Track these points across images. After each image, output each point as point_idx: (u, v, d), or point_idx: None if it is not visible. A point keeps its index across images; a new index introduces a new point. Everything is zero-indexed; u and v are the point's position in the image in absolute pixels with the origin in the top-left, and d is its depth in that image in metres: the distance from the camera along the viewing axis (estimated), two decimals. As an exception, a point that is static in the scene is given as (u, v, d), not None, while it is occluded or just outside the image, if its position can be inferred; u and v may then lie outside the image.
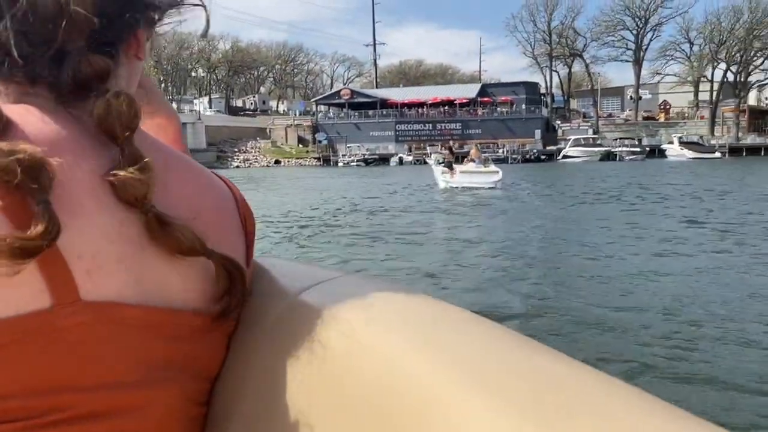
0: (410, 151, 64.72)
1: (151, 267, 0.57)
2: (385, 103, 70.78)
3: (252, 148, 67.96)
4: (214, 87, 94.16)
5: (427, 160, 45.54)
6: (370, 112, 70.00)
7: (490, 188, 21.52)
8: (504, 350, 0.50)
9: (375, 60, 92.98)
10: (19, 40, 0.55)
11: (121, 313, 0.55)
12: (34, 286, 0.50)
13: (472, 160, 23.54)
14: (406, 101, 70.19)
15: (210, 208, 0.65)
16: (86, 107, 0.58)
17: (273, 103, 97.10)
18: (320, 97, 79.25)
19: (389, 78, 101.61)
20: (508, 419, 0.40)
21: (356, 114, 70.70)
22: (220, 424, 0.65)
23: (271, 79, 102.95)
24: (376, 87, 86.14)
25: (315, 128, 71.57)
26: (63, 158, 0.53)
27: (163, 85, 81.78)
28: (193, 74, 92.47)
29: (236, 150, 67.05)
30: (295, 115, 79.07)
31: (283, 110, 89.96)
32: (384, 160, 63.66)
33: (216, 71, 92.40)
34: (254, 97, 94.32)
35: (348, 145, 66.67)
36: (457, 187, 22.06)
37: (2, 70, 0.57)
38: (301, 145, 70.34)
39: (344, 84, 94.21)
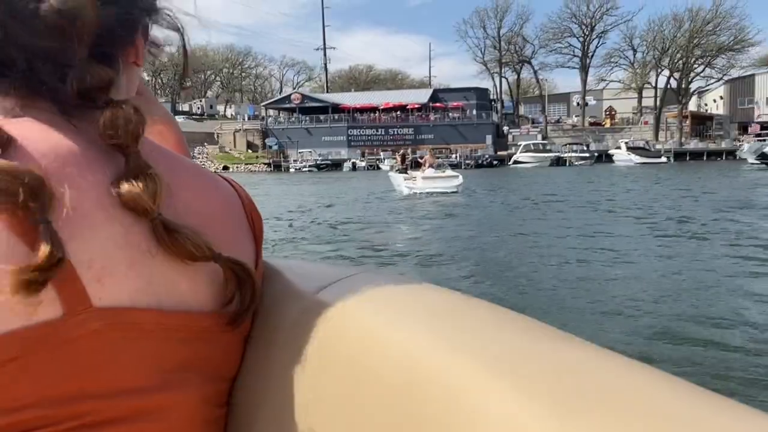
0: (363, 157, 64.08)
1: (162, 271, 0.58)
2: (336, 108, 69.93)
3: (199, 153, 65.91)
4: (159, 91, 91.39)
5: (381, 165, 45.12)
6: (322, 117, 69.05)
7: (452, 192, 21.96)
8: (528, 341, 0.50)
9: (325, 64, 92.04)
10: (22, 52, 0.55)
11: (133, 318, 0.55)
12: (46, 296, 0.51)
13: (431, 166, 23.75)
14: (358, 106, 69.50)
15: (217, 211, 0.65)
16: (89, 117, 0.58)
17: (221, 108, 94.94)
18: (270, 101, 77.71)
19: (339, 83, 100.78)
20: (532, 410, 0.40)
21: (307, 119, 69.62)
22: (242, 426, 0.65)
23: (219, 82, 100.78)
24: (327, 91, 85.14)
25: (265, 133, 70.17)
26: (68, 170, 0.53)
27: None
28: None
29: (183, 155, 64.81)
30: (244, 119, 77.23)
31: (231, 115, 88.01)
32: (336, 165, 62.87)
33: (161, 75, 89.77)
34: (201, 101, 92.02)
35: (299, 151, 65.50)
36: (420, 193, 22.19)
37: (3, 83, 0.57)
38: (250, 151, 68.81)
39: (294, 88, 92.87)
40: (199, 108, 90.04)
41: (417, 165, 25.79)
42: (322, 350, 0.59)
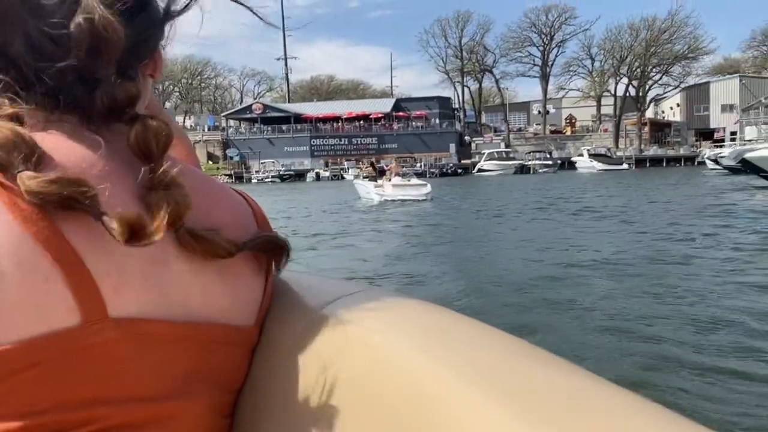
0: (327, 167, 63.29)
1: (175, 282, 0.59)
2: (299, 118, 68.98)
3: (158, 165, 64.04)
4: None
5: (345, 175, 44.54)
6: (284, 127, 68.00)
7: (423, 200, 22.33)
8: (527, 366, 0.51)
9: (287, 74, 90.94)
10: (52, 67, 0.57)
11: (146, 329, 0.57)
12: (65, 304, 0.52)
13: (398, 174, 24.14)
14: (320, 116, 68.71)
15: (229, 222, 0.66)
16: (114, 130, 0.60)
17: (180, 119, 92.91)
18: (230, 111, 76.31)
19: (301, 93, 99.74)
20: None
21: (269, 129, 68.52)
22: None
23: (177, 93, 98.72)
24: (289, 101, 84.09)
25: (226, 144, 68.80)
26: (93, 182, 0.54)
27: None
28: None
29: (140, 168, 62.96)
30: (204, 130, 75.60)
31: (191, 125, 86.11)
32: (300, 175, 61.90)
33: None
34: None
35: (261, 161, 64.34)
36: (391, 200, 22.49)
37: (33, 97, 0.58)
38: (211, 162, 67.23)
39: (255, 99, 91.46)
40: None
41: (382, 173, 26.05)
42: (326, 367, 0.59)
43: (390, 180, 23.62)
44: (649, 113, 74.09)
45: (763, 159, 22.77)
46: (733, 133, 54.43)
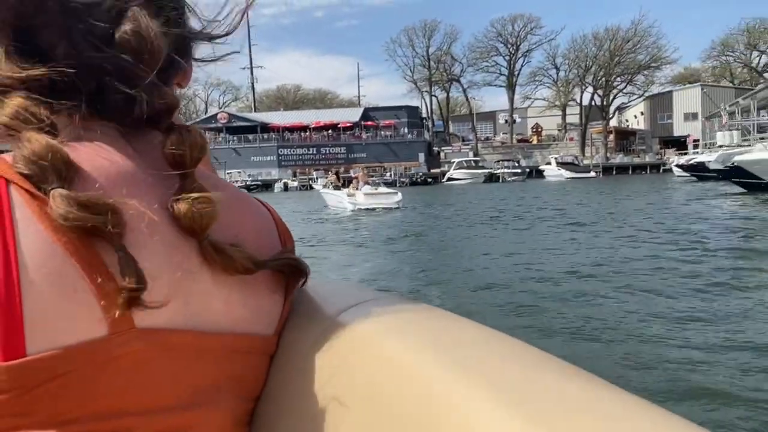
0: (295, 176, 62.36)
1: (199, 293, 0.59)
2: (265, 128, 67.96)
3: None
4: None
5: (314, 185, 43.98)
6: (250, 137, 66.86)
7: (394, 208, 22.65)
8: (540, 373, 0.51)
9: (252, 83, 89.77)
10: (94, 75, 0.58)
11: (171, 339, 0.57)
12: (93, 315, 0.52)
13: (367, 183, 24.42)
14: (287, 125, 67.79)
15: (250, 229, 0.67)
16: (147, 139, 0.61)
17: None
18: (195, 121, 74.76)
19: (267, 102, 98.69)
20: None
21: (235, 139, 67.22)
22: None
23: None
24: (255, 111, 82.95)
25: (190, 154, 67.13)
26: (125, 191, 0.55)
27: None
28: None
29: None
30: (168, 140, 73.82)
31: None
32: (267, 186, 60.73)
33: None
34: None
35: (227, 171, 62.86)
36: (363, 209, 22.58)
37: (72, 105, 0.58)
38: (175, 173, 65.56)
39: (220, 108, 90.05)
40: None
41: (349, 183, 26.33)
42: (341, 374, 0.60)
43: (357, 189, 23.86)
44: (613, 122, 75.10)
45: (755, 162, 22.38)
46: (696, 140, 55.35)
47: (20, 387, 0.50)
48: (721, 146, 30.58)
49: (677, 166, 43.08)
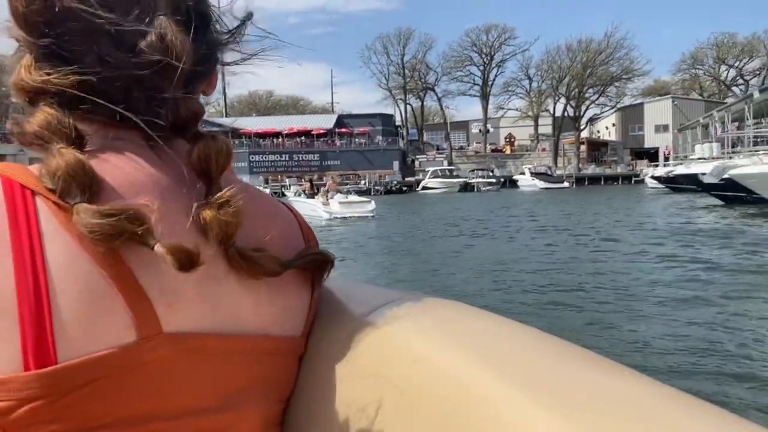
0: (267, 183, 61.21)
1: (226, 296, 0.60)
2: (236, 133, 66.54)
3: None
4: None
5: (286, 192, 43.16)
6: (222, 142, 65.40)
7: (369, 217, 22.77)
8: (576, 368, 0.50)
9: (224, 87, 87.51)
10: (122, 84, 0.58)
11: (199, 343, 0.58)
12: (121, 321, 0.53)
13: (338, 191, 24.75)
14: (260, 131, 66.54)
15: (276, 234, 0.66)
16: (173, 146, 0.61)
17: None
18: (165, 126, 73.10)
19: (239, 108, 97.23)
20: None
21: (206, 144, 65.75)
22: None
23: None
24: (226, 116, 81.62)
25: (159, 159, 65.59)
26: (149, 198, 0.56)
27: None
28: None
29: None
30: (136, 145, 72.10)
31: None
32: (238, 193, 59.40)
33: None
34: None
35: (197, 178, 61.62)
36: (338, 218, 22.49)
37: (100, 114, 0.59)
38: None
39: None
40: None
41: (319, 191, 26.44)
42: (371, 373, 0.59)
43: (327, 197, 23.96)
44: (585, 133, 75.63)
45: (750, 176, 21.91)
46: (668, 153, 55.85)
47: (52, 394, 0.50)
48: (700, 159, 30.54)
49: (653, 177, 43.15)
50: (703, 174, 25.27)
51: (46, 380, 0.50)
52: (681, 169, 31.80)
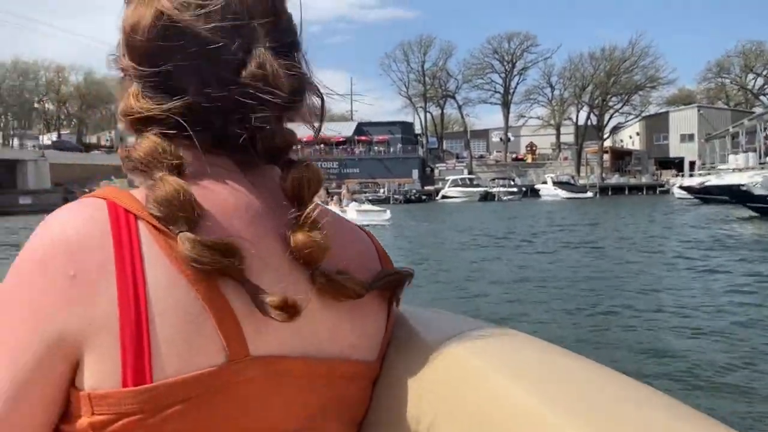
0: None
1: (308, 320, 0.60)
2: (257, 141, 66.58)
3: (105, 187, 60.70)
4: (65, 122, 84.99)
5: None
6: (241, 150, 65.38)
7: (385, 225, 22.93)
8: (647, 410, 0.50)
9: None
10: (220, 113, 0.61)
11: (284, 366, 0.59)
12: (213, 344, 0.55)
13: (354, 200, 25.10)
14: (279, 139, 66.43)
15: (357, 262, 0.68)
16: (263, 173, 0.65)
17: (132, 140, 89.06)
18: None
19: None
20: None
21: (225, 152, 65.79)
22: None
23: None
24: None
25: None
26: (241, 223, 0.60)
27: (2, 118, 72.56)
28: (37, 107, 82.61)
29: (87, 190, 59.26)
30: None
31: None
32: (257, 201, 59.23)
33: (67, 105, 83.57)
34: (110, 133, 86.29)
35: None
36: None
37: (199, 143, 0.61)
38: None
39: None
40: (108, 140, 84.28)
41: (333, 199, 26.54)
42: (443, 401, 0.60)
43: (342, 205, 23.80)
44: (608, 142, 74.48)
45: None
46: (692, 163, 54.57)
47: (147, 411, 0.53)
48: (735, 169, 29.46)
49: (681, 187, 41.94)
50: (741, 185, 24.08)
51: (141, 397, 0.52)
52: (714, 180, 30.69)
